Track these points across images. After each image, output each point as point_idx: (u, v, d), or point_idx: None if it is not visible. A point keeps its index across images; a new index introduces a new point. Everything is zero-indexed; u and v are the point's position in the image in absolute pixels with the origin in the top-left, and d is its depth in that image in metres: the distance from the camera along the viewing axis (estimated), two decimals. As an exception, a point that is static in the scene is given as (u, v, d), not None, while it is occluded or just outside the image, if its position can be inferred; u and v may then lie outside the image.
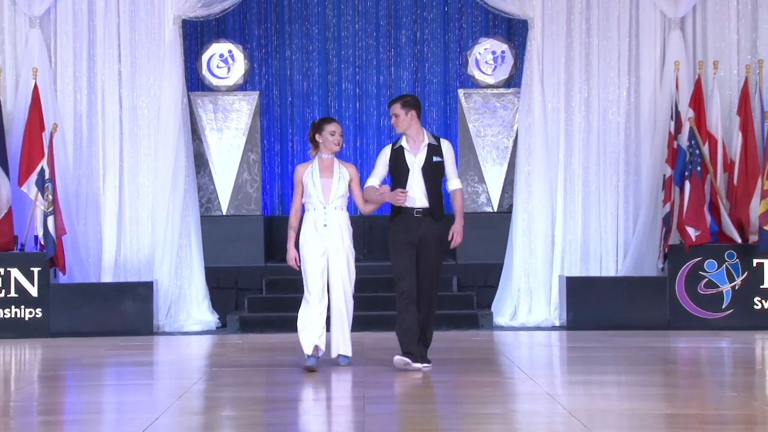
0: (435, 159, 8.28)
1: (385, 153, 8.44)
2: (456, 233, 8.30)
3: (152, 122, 11.79)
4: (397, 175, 8.31)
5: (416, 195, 8.24)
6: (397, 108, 8.34)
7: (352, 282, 8.44)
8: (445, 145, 8.37)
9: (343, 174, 8.44)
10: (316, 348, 8.35)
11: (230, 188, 12.34)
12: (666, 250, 11.24)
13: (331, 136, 8.44)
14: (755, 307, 11.15)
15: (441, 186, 8.35)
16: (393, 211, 8.35)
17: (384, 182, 8.46)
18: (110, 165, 11.80)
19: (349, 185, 8.46)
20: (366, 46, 13.50)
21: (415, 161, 8.28)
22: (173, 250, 11.62)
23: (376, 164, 8.49)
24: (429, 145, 8.30)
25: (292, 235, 8.49)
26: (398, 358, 8.25)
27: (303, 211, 8.47)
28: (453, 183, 8.41)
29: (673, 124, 11.36)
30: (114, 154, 11.81)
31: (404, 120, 8.30)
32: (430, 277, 8.28)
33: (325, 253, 8.36)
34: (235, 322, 11.44)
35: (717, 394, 7.51)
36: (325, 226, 8.33)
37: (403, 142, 8.34)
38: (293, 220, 8.53)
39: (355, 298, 8.53)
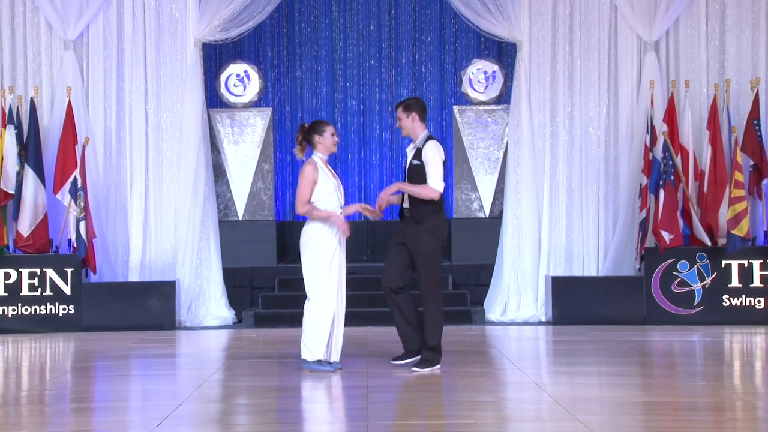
0: (414, 162, 7.84)
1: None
2: (385, 190, 7.86)
3: (175, 136, 11.79)
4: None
5: (405, 196, 7.88)
6: (399, 112, 7.97)
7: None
8: (426, 148, 7.79)
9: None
10: None
11: (246, 196, 12.33)
12: (642, 252, 11.22)
13: (332, 137, 7.99)
14: (724, 304, 11.13)
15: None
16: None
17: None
18: (137, 175, 11.80)
19: None
20: (369, 66, 13.50)
21: (407, 163, 7.98)
22: (194, 252, 11.61)
23: None
24: (417, 148, 7.89)
25: (319, 211, 7.73)
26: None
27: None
28: (428, 182, 7.78)
29: (648, 137, 11.35)
30: (140, 165, 11.81)
31: (407, 123, 7.92)
32: (419, 277, 7.86)
33: (336, 256, 7.85)
34: (250, 318, 11.43)
35: (689, 383, 7.50)
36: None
37: (408, 149, 8.06)
38: (313, 208, 7.77)
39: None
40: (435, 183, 7.74)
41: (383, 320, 11.11)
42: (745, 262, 11.10)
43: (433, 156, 7.78)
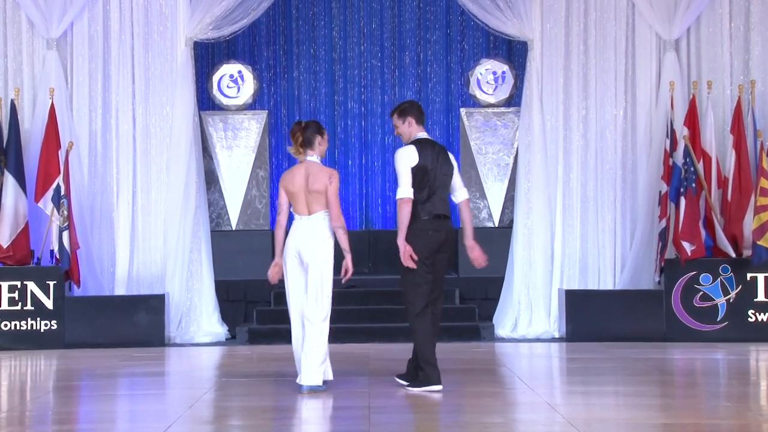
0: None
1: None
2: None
3: (164, 140, 11.80)
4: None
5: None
6: (394, 119, 7.91)
7: None
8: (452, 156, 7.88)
9: None
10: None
11: (239, 204, 12.34)
12: (662, 264, 11.21)
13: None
14: (749, 319, 11.11)
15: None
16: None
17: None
18: (124, 181, 11.81)
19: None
20: (371, 66, 13.51)
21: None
22: (184, 264, 11.61)
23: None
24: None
25: (343, 234, 7.68)
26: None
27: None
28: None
29: (668, 141, 11.35)
30: (127, 171, 11.82)
31: (404, 129, 7.86)
32: (440, 284, 8.00)
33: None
34: (244, 334, 11.42)
35: (712, 404, 7.48)
36: None
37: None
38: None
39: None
40: (398, 191, 7.73)
41: (385, 336, 11.11)
42: (772, 275, 11.09)
43: (396, 163, 7.77)
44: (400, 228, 7.69)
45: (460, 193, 7.96)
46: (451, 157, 7.91)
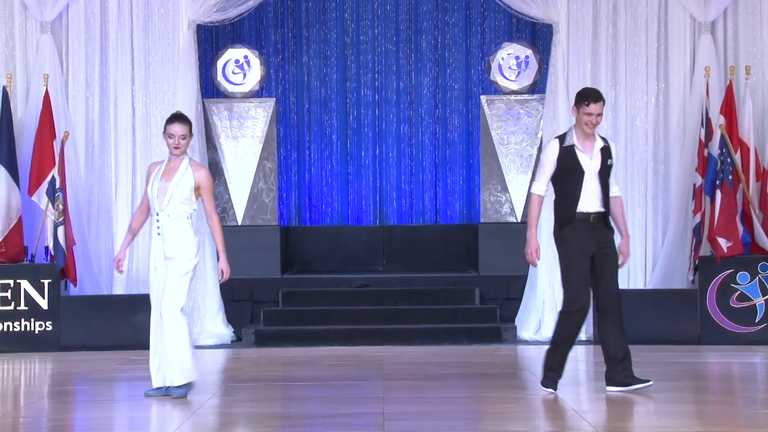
0: (609, 162, 7.88)
1: (553, 151, 7.88)
2: (626, 254, 8.04)
3: (166, 130, 11.81)
4: (569, 176, 7.81)
5: (591, 200, 7.83)
6: (602, 107, 7.85)
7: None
8: (614, 147, 8.03)
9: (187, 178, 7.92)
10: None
11: (246, 198, 12.36)
12: (696, 261, 11.19)
13: (170, 138, 7.99)
14: (789, 321, 11.09)
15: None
16: (563, 219, 7.92)
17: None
18: (123, 174, 11.84)
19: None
20: (385, 51, 13.51)
21: (591, 164, 7.83)
22: (187, 262, 11.62)
23: (543, 164, 7.92)
24: (603, 148, 7.88)
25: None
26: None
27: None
28: (615, 189, 8.04)
29: (703, 131, 11.32)
30: (126, 163, 11.84)
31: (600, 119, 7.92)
32: (615, 287, 8.02)
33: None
34: (250, 336, 11.45)
35: (749, 411, 7.47)
36: (159, 234, 7.92)
37: (575, 140, 7.84)
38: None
39: None
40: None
41: (401, 339, 11.13)
42: (814, 274, 11.06)
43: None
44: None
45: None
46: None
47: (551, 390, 7.96)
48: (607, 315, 8.06)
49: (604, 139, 8.03)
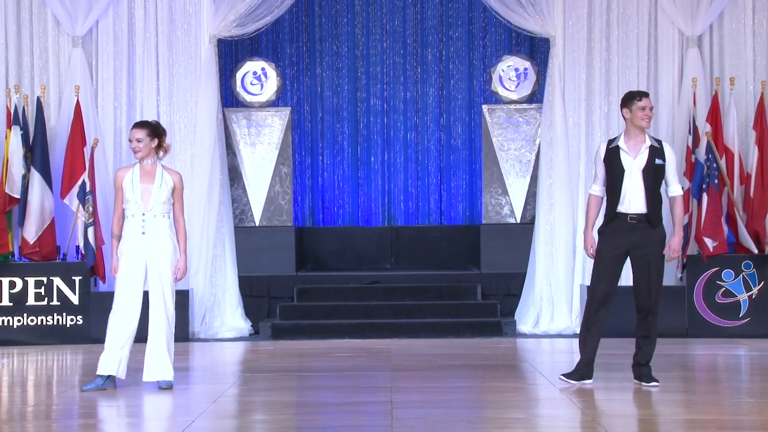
0: (657, 162, 7.70)
1: (600, 152, 7.84)
2: (673, 249, 7.82)
3: (188, 137, 11.85)
4: (611, 176, 7.73)
5: (632, 199, 7.70)
6: (650, 100, 7.81)
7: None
8: (668, 149, 7.82)
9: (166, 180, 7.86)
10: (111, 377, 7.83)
11: (263, 200, 12.37)
12: (684, 260, 11.17)
13: (129, 142, 7.97)
14: (771, 315, 11.06)
15: (660, 190, 7.80)
16: (606, 217, 7.79)
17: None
18: (148, 178, 11.83)
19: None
20: (393, 63, 13.51)
21: (634, 163, 7.70)
22: (208, 260, 11.65)
23: (594, 165, 7.93)
24: (651, 147, 7.76)
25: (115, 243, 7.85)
26: (561, 378, 7.96)
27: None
28: (674, 189, 7.84)
29: (690, 138, 11.31)
30: (152, 168, 11.84)
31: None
32: (646, 287, 7.83)
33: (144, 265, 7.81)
34: (267, 329, 11.46)
35: (734, 400, 7.46)
36: (143, 234, 7.81)
37: (621, 142, 7.75)
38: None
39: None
40: (680, 188, 7.95)
41: (408, 332, 11.14)
42: (795, 271, 11.04)
43: (675, 158, 7.91)
44: (681, 227, 7.96)
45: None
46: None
47: (586, 381, 7.90)
48: (640, 316, 7.99)
49: (657, 140, 7.87)
